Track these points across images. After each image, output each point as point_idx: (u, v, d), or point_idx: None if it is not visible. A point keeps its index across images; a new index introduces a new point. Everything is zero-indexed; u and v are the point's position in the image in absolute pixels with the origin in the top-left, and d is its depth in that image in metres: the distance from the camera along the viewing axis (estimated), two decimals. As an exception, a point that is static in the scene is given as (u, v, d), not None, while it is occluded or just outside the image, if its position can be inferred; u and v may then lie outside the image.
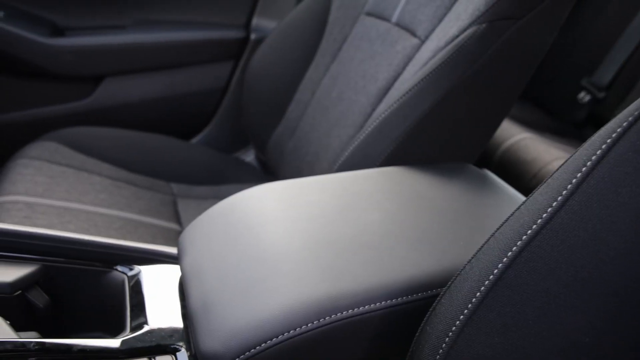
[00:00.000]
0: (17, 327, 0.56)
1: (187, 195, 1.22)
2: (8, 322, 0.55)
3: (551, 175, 0.39)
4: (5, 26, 1.26)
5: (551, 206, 0.37)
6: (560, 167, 0.39)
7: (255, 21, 1.50)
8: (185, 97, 1.47)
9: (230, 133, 1.54)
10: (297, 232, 0.55)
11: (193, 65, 1.45)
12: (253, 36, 1.47)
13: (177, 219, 1.13)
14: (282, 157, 1.20)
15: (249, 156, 1.52)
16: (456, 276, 0.44)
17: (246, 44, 1.47)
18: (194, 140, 1.53)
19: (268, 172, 1.38)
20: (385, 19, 0.99)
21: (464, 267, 0.44)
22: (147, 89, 1.44)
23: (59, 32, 1.40)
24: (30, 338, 0.54)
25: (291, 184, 0.63)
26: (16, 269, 0.62)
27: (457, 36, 0.72)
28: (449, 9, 0.81)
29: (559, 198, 0.37)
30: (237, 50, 1.47)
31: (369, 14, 1.06)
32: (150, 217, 1.09)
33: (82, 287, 0.66)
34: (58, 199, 1.03)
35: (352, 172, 0.67)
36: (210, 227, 0.60)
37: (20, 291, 0.61)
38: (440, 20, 0.83)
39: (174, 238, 1.06)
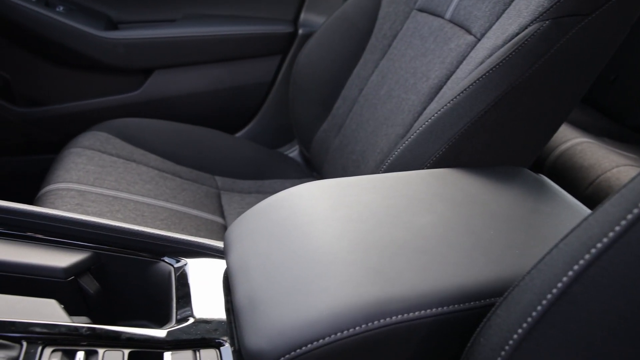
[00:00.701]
0: (69, 311, 0.58)
1: (231, 189, 1.23)
2: (62, 306, 0.57)
3: (625, 186, 0.37)
4: (64, 20, 1.31)
5: (625, 219, 0.34)
6: (635, 177, 0.36)
7: (303, 16, 1.50)
8: (232, 91, 1.49)
9: (274, 128, 1.54)
10: (347, 233, 0.54)
11: (240, 59, 1.46)
12: (301, 31, 1.47)
13: (221, 212, 1.14)
14: (326, 154, 1.19)
15: (293, 152, 1.52)
16: (514, 287, 0.42)
17: (294, 39, 1.47)
18: (239, 134, 1.54)
19: (312, 168, 1.38)
20: (439, 15, 0.96)
21: (523, 277, 0.42)
22: (194, 82, 1.46)
23: (113, 25, 1.43)
24: (82, 323, 0.55)
25: (340, 183, 0.62)
26: (70, 255, 0.64)
27: (517, 34, 0.69)
28: (507, 5, 0.78)
29: (635, 210, 0.34)
30: (285, 45, 1.47)
31: (421, 10, 1.03)
32: (194, 209, 1.11)
33: (130, 276, 0.67)
34: (108, 188, 1.06)
35: (403, 173, 0.65)
36: (257, 223, 0.59)
37: (73, 277, 0.62)
38: (498, 17, 0.79)
39: (217, 231, 1.07)
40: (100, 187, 1.05)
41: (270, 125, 1.54)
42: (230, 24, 1.44)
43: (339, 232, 0.54)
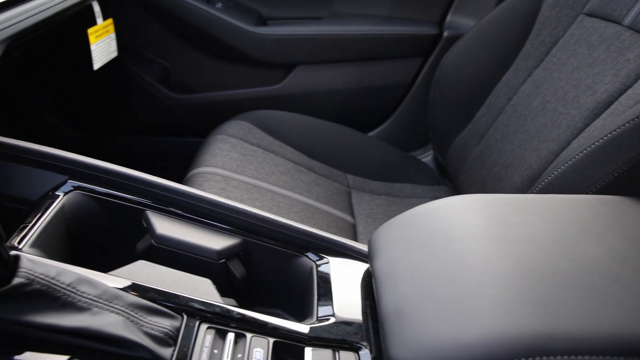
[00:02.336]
0: (219, 292, 0.61)
1: (362, 189, 1.24)
2: (215, 286, 0.61)
3: None
4: (221, 15, 1.40)
5: None
6: None
7: (449, 18, 1.46)
8: (369, 90, 1.49)
9: (409, 131, 1.52)
10: (504, 255, 0.51)
11: (382, 59, 1.46)
12: (446, 33, 1.43)
13: (351, 210, 1.16)
14: (464, 163, 1.14)
15: (426, 157, 1.49)
16: None
17: (438, 41, 1.43)
18: (372, 133, 1.54)
19: (445, 176, 1.34)
20: (614, 20, 0.87)
21: None
22: (334, 80, 1.49)
23: (262, 21, 1.51)
24: (230, 304, 0.58)
25: (496, 200, 0.59)
26: (222, 239, 0.68)
27: None
28: None
29: None
30: (428, 47, 1.44)
31: (590, 15, 0.94)
32: (326, 205, 1.13)
33: (273, 266, 0.70)
34: (248, 176, 1.12)
35: (565, 196, 0.60)
36: (406, 232, 0.58)
37: (224, 260, 0.66)
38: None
39: (347, 229, 1.08)
40: (241, 174, 1.11)
41: (404, 127, 1.52)
42: (375, 24, 1.44)
43: (496, 253, 0.51)
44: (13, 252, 0.46)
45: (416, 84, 1.48)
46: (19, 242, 0.58)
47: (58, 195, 0.66)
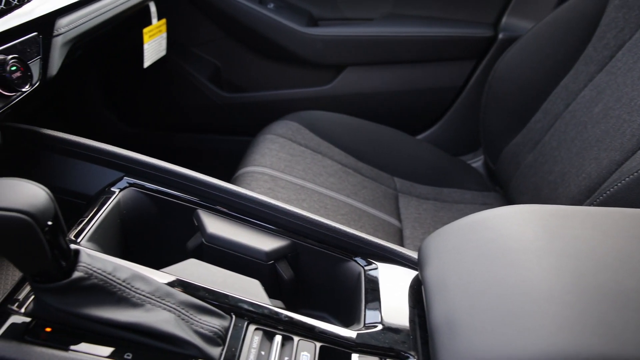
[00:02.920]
0: (267, 293, 0.62)
1: (409, 192, 1.22)
2: (263, 287, 0.61)
3: None
4: (273, 16, 1.41)
5: None
6: None
7: (505, 20, 1.41)
8: (419, 93, 1.47)
9: (459, 134, 1.49)
10: (563, 270, 0.48)
11: (433, 61, 1.43)
12: (501, 35, 1.39)
13: (397, 214, 1.14)
14: (516, 170, 1.11)
15: (476, 162, 1.46)
16: None
17: (492, 44, 1.39)
18: (420, 136, 1.52)
19: (496, 182, 1.30)
20: (689, 25, 0.82)
21: None
22: (383, 81, 1.47)
23: (313, 22, 1.51)
24: (278, 306, 0.59)
25: (555, 211, 0.56)
26: (271, 240, 0.68)
27: None
28: None
29: None
30: (482, 49, 1.40)
31: (661, 19, 0.89)
32: (372, 208, 1.12)
33: (320, 269, 0.70)
34: (296, 177, 1.12)
35: (631, 211, 0.57)
36: (459, 241, 0.57)
37: (272, 261, 0.66)
38: None
39: (393, 233, 1.07)
40: (289, 174, 1.12)
41: (454, 131, 1.49)
42: (427, 26, 1.42)
43: (554, 268, 0.49)
44: (73, 247, 0.48)
45: (468, 87, 1.44)
46: (77, 236, 0.60)
47: (114, 192, 0.68)
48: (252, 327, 0.54)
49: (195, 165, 0.77)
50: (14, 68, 0.59)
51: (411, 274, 0.66)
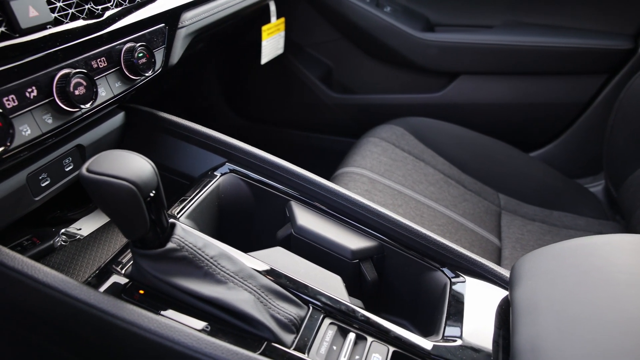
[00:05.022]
0: (347, 291, 0.61)
1: (514, 211, 1.14)
2: (344, 284, 0.61)
3: None
4: (389, 20, 1.41)
5: None
6: None
7: (647, 32, 1.27)
8: (538, 107, 1.37)
9: (578, 155, 1.37)
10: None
11: (557, 74, 1.33)
12: (642, 49, 1.25)
13: (498, 232, 1.08)
14: (642, 199, 0.99)
15: (596, 187, 1.33)
16: None
17: (630, 57, 1.26)
18: (534, 153, 1.42)
19: (617, 211, 1.18)
20: None
21: None
22: (498, 93, 1.40)
23: (430, 27, 1.48)
24: (357, 305, 0.58)
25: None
26: (359, 239, 0.68)
27: None
28: None
29: None
30: (617, 63, 1.27)
31: None
32: (471, 223, 1.07)
33: (405, 275, 0.68)
34: (395, 182, 1.10)
35: None
36: (558, 264, 0.52)
37: (357, 260, 0.66)
38: None
39: (491, 251, 1.01)
40: (388, 179, 1.11)
41: (573, 151, 1.37)
42: (555, 35, 1.32)
43: (669, 307, 0.43)
44: (171, 220, 0.51)
45: (595, 104, 1.32)
46: (177, 212, 0.64)
47: (215, 175, 0.72)
48: (327, 321, 0.54)
49: (297, 161, 0.79)
50: (140, 55, 0.65)
51: (502, 293, 0.62)
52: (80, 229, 0.72)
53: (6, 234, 0.68)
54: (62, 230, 0.71)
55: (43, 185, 0.63)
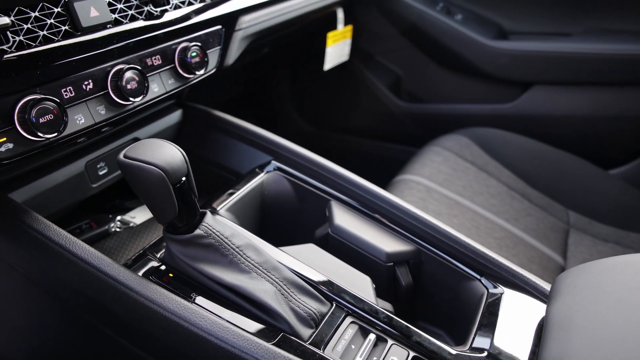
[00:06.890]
0: (378, 293, 0.60)
1: (584, 230, 1.06)
2: (374, 286, 0.60)
3: None
4: (459, 27, 1.37)
5: None
6: None
7: None
8: (620, 120, 1.27)
9: (664, 173, 1.25)
10: None
11: (641, 84, 1.23)
12: None
13: (563, 251, 1.00)
14: None
15: (682, 209, 1.20)
16: None
17: None
18: (613, 171, 1.31)
19: None
20: None
21: None
22: (575, 104, 1.31)
23: (502, 35, 1.42)
24: (385, 308, 0.57)
25: None
26: (395, 243, 0.66)
27: None
28: None
29: None
30: None
31: None
32: (533, 239, 1.00)
33: (442, 282, 0.65)
34: (453, 192, 1.07)
35: None
36: (603, 279, 0.48)
37: (392, 263, 0.65)
38: None
39: (552, 270, 0.95)
40: (446, 188, 1.07)
41: (659, 169, 1.25)
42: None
43: None
44: (202, 210, 0.54)
45: (686, 118, 1.20)
46: (218, 204, 0.67)
47: (260, 173, 0.74)
48: (348, 319, 0.54)
49: (361, 169, 0.78)
50: (194, 54, 0.69)
51: (541, 307, 0.58)
52: (134, 217, 0.77)
53: (69, 219, 0.75)
54: (118, 218, 0.76)
55: (100, 173, 0.68)
